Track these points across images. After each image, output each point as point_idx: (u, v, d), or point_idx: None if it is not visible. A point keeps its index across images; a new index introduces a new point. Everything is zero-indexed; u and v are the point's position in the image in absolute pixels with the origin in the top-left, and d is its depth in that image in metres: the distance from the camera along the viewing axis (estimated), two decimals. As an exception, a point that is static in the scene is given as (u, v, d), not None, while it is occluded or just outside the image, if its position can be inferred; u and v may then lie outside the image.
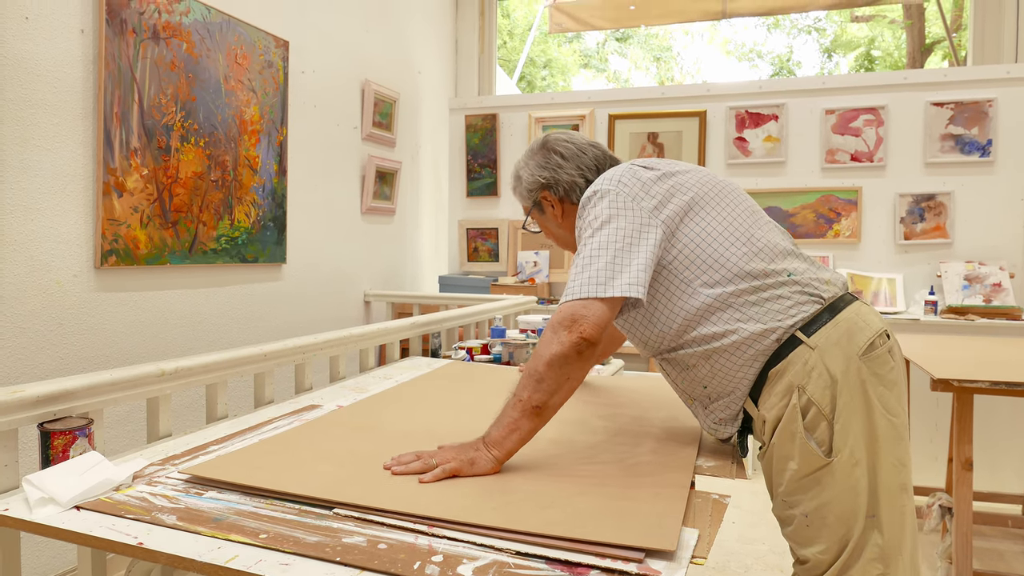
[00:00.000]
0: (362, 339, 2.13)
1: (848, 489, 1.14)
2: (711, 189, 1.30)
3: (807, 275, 1.25)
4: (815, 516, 1.16)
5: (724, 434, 1.32)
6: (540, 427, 1.18)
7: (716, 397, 1.29)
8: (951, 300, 3.55)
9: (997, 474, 3.30)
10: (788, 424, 1.17)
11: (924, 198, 3.76)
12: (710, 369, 1.25)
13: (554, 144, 1.48)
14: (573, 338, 1.13)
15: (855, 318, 1.21)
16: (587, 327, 1.14)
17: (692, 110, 4.16)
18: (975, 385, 1.97)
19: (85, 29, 2.24)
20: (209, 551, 0.89)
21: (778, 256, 1.25)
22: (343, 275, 3.75)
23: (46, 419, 1.20)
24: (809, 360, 1.17)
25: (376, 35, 4.03)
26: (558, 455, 1.28)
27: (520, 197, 1.55)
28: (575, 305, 1.16)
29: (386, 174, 4.10)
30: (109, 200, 2.30)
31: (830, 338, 1.18)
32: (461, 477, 1.12)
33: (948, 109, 3.72)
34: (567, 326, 1.15)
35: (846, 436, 1.14)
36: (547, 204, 1.49)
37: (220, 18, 2.76)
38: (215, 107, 2.76)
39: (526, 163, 1.52)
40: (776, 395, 1.19)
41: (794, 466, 1.17)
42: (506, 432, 1.16)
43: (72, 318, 2.23)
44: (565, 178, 1.45)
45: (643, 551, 0.90)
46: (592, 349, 1.15)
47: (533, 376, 1.16)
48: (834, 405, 1.15)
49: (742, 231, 1.26)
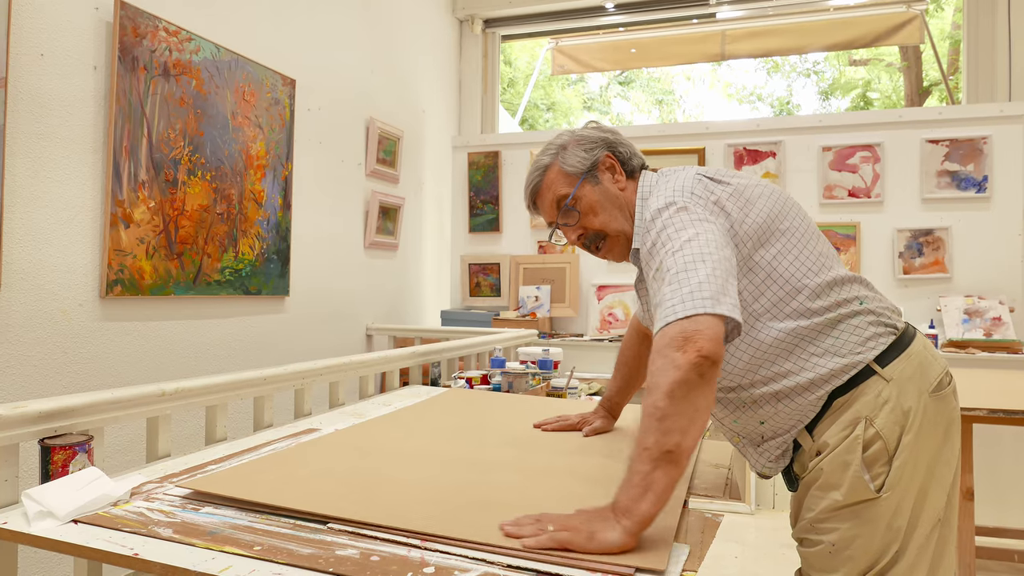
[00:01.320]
0: (362, 366, 2.14)
1: (886, 527, 1.08)
2: (779, 206, 1.20)
3: (877, 303, 1.18)
4: (844, 547, 1.09)
5: (774, 471, 1.23)
6: (679, 477, 0.94)
7: (772, 436, 1.20)
8: (951, 334, 3.55)
9: (1003, 509, 3.26)
10: (843, 453, 1.10)
11: (922, 233, 3.80)
12: (775, 408, 1.17)
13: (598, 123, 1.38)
14: (691, 357, 0.95)
15: (924, 352, 1.16)
16: (704, 342, 0.95)
17: (691, 147, 4.23)
18: (973, 413, 1.97)
19: (98, 66, 2.31)
20: (204, 562, 0.90)
21: (847, 283, 1.18)
22: (346, 308, 3.78)
23: (47, 435, 1.21)
24: (883, 392, 1.10)
25: (381, 74, 4.13)
26: (553, 476, 1.29)
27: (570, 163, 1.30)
28: (684, 323, 0.98)
29: (389, 209, 4.16)
30: (116, 231, 2.35)
31: (904, 372, 1.12)
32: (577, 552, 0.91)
33: (943, 146, 3.77)
34: (679, 346, 0.96)
35: (902, 474, 1.08)
36: (605, 170, 1.30)
37: (229, 56, 2.85)
38: (222, 142, 2.82)
39: (572, 131, 1.35)
40: (840, 424, 1.12)
41: (838, 496, 1.09)
42: (638, 493, 0.93)
43: (77, 347, 2.25)
44: (626, 142, 1.33)
45: (633, 568, 0.90)
46: (715, 370, 0.96)
47: (654, 415, 0.94)
48: (900, 442, 1.08)
49: (814, 256, 1.17)
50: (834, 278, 1.17)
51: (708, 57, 5.20)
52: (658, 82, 14.65)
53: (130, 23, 2.37)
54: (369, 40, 3.99)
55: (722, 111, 14.48)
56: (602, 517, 0.94)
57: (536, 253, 4.58)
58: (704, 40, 5.13)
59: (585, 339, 4.15)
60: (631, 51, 5.34)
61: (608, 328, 4.27)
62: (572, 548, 0.91)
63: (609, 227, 1.29)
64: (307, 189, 3.42)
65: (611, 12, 5.04)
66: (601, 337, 4.16)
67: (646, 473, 0.93)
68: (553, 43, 5.45)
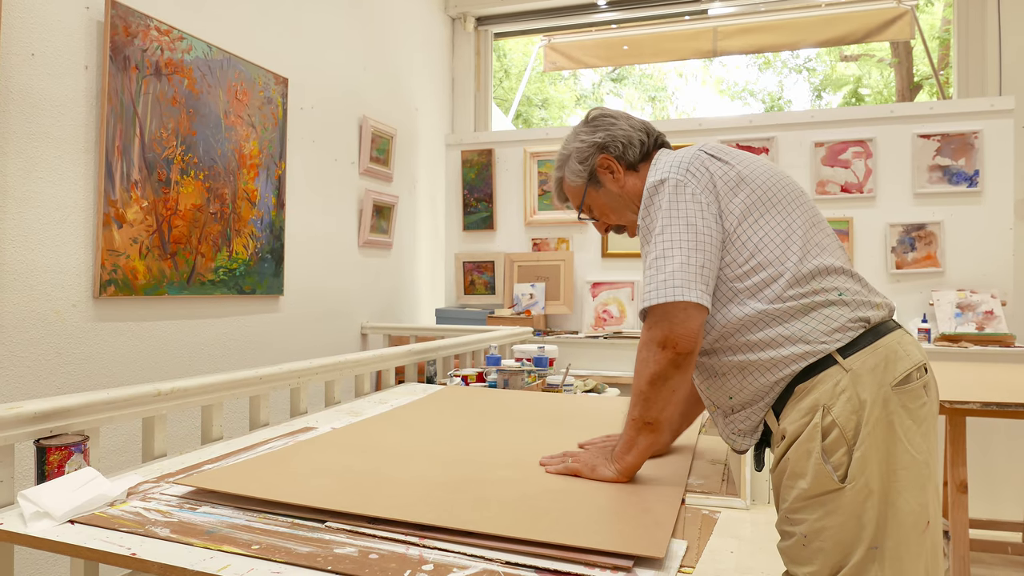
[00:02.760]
0: (358, 365, 2.14)
1: (854, 518, 1.09)
2: (775, 188, 1.25)
3: (858, 296, 1.20)
4: (814, 538, 1.10)
5: (742, 446, 1.27)
6: (658, 439, 1.22)
7: (739, 407, 1.25)
8: (944, 328, 3.57)
9: (996, 501, 3.29)
10: (806, 441, 1.12)
11: (914, 228, 3.81)
12: (740, 381, 1.22)
13: (597, 112, 1.43)
14: (669, 355, 1.15)
15: (896, 346, 1.16)
16: (679, 342, 1.14)
17: (684, 144, 4.22)
18: (966, 407, 1.99)
19: (89, 65, 2.30)
20: (201, 560, 0.90)
21: (831, 274, 1.21)
22: (340, 307, 3.77)
23: (42, 435, 1.21)
24: (840, 382, 1.13)
25: (374, 73, 4.12)
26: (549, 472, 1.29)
27: (571, 176, 1.42)
28: (659, 317, 1.15)
29: (383, 208, 4.15)
30: (109, 231, 2.34)
31: (866, 363, 1.14)
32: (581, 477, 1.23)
33: (935, 141, 3.79)
34: (660, 344, 1.15)
35: (864, 464, 1.09)
36: (605, 173, 1.38)
37: (221, 56, 2.83)
38: (215, 141, 2.81)
39: (574, 137, 1.43)
40: (799, 411, 1.15)
41: (804, 485, 1.12)
42: (626, 449, 1.22)
43: (70, 347, 2.24)
44: (621, 134, 1.37)
45: (632, 559, 0.91)
46: (690, 358, 1.16)
47: (640, 396, 1.19)
48: (857, 431, 1.10)
49: (801, 242, 1.21)
50: (818, 267, 1.20)
51: (700, 53, 5.21)
52: (650, 79, 14.65)
53: (121, 22, 2.36)
54: (361, 38, 3.98)
55: (714, 107, 14.50)
56: (605, 457, 1.25)
57: (530, 251, 4.58)
58: (696, 36, 5.14)
59: (580, 336, 4.15)
60: (623, 48, 5.34)
61: (603, 325, 4.28)
62: (579, 474, 1.24)
63: (624, 221, 1.42)
64: (300, 188, 3.42)
65: (603, 9, 5.04)
66: (596, 334, 4.16)
67: (632, 436, 1.21)
68: (546, 40, 5.44)
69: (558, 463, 1.28)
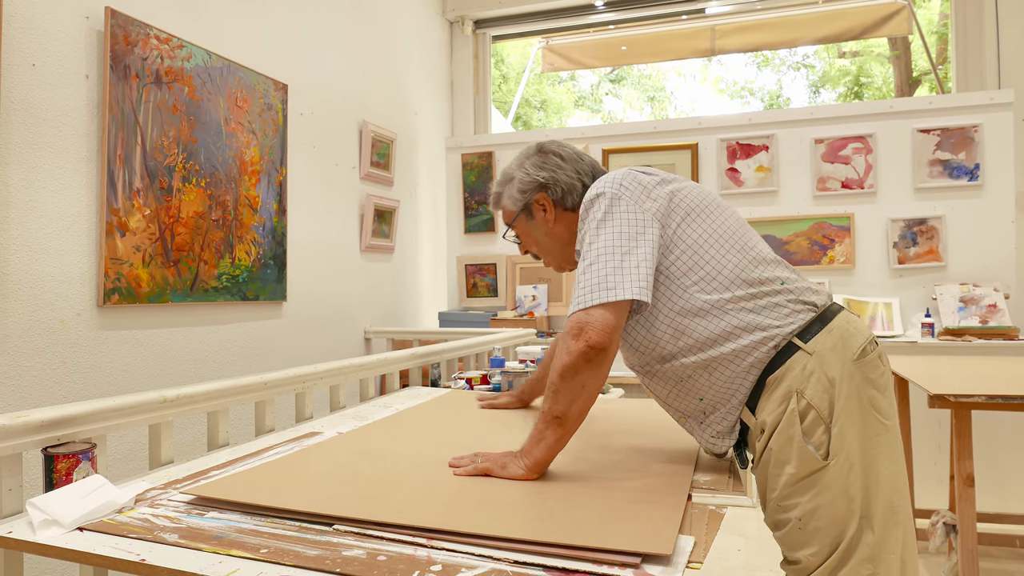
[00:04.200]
0: (362, 369, 2.14)
1: (842, 492, 1.14)
2: (705, 199, 1.32)
3: (797, 284, 1.27)
4: (809, 519, 1.16)
5: (722, 447, 1.31)
6: (566, 435, 1.22)
7: (712, 409, 1.28)
8: (948, 322, 3.57)
9: (1003, 495, 3.28)
10: (786, 428, 1.18)
11: (916, 223, 3.81)
12: (708, 379, 1.25)
13: (551, 147, 1.47)
14: (580, 346, 1.16)
15: (846, 325, 1.23)
16: (592, 333, 1.15)
17: (684, 143, 4.24)
18: (972, 400, 1.98)
19: (90, 75, 2.31)
20: (211, 565, 0.90)
21: (770, 265, 1.27)
22: (343, 312, 3.78)
23: (50, 444, 1.21)
24: (808, 365, 1.18)
25: (373, 77, 4.13)
26: (555, 469, 1.29)
27: (507, 200, 1.49)
28: (581, 314, 1.18)
29: (384, 212, 4.16)
30: (112, 240, 2.34)
31: (826, 344, 1.20)
32: (493, 477, 1.22)
33: (935, 135, 3.78)
34: (574, 335, 1.17)
35: (843, 439, 1.15)
36: (538, 208, 1.45)
37: (221, 63, 2.84)
38: (216, 148, 2.82)
39: (520, 164, 1.48)
40: (774, 401, 1.20)
41: (791, 470, 1.17)
42: (533, 443, 1.22)
43: (75, 356, 2.25)
44: (564, 179, 1.42)
45: (639, 556, 0.91)
46: (603, 355, 1.17)
47: (550, 388, 1.20)
48: (832, 409, 1.16)
49: (736, 240, 1.27)
50: (756, 259, 1.26)
51: (698, 53, 5.22)
52: (649, 79, 14.66)
53: (121, 31, 2.37)
54: (360, 44, 3.99)
55: (713, 106, 14.50)
56: (513, 456, 1.24)
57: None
58: (694, 36, 5.14)
59: (583, 337, 4.14)
60: (621, 48, 5.35)
61: (606, 325, 4.27)
62: (490, 473, 1.23)
63: (541, 253, 1.52)
64: (302, 194, 3.42)
65: (601, 10, 5.05)
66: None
67: (541, 429, 1.21)
68: (544, 42, 5.45)
69: (467, 464, 1.26)
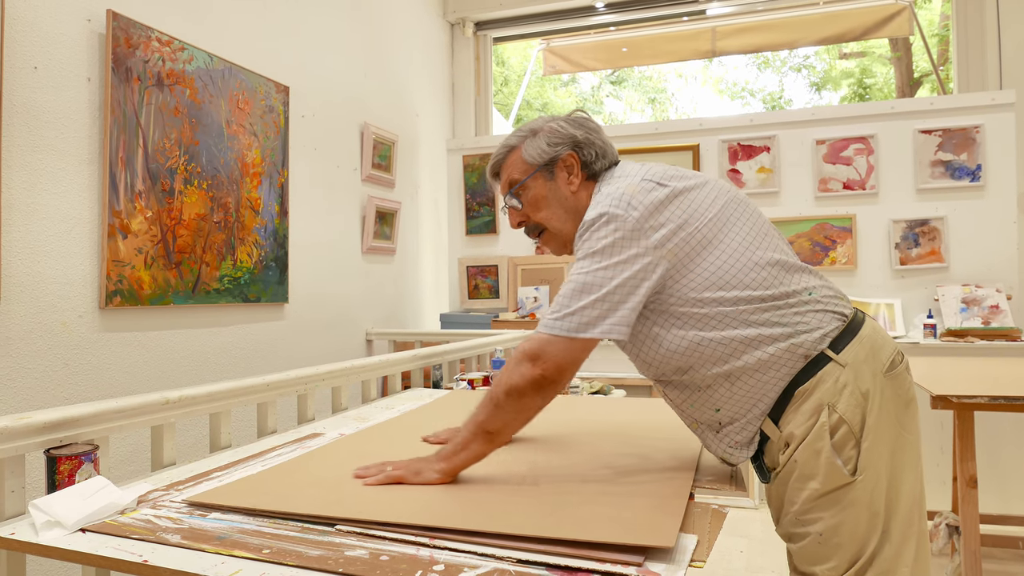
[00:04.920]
0: (364, 370, 2.14)
1: (867, 507, 1.11)
2: (727, 207, 1.23)
3: (824, 292, 1.21)
4: (831, 535, 1.11)
5: (739, 458, 1.25)
6: (490, 451, 1.21)
7: (730, 420, 1.22)
8: (950, 323, 3.56)
9: (1006, 496, 3.27)
10: (814, 442, 1.12)
11: (918, 223, 3.81)
12: (729, 390, 1.19)
13: (584, 116, 1.38)
14: (534, 374, 1.13)
15: (874, 335, 1.19)
16: (549, 367, 1.13)
17: (685, 144, 4.24)
18: (974, 401, 1.98)
19: (91, 77, 2.31)
20: (213, 566, 0.90)
21: (796, 274, 1.21)
22: (345, 314, 3.78)
23: (52, 445, 1.21)
24: (840, 378, 1.13)
25: (374, 79, 4.13)
26: (557, 469, 1.29)
27: (529, 151, 1.33)
28: (544, 340, 1.14)
29: (386, 214, 4.16)
30: (114, 242, 2.35)
31: (858, 356, 1.15)
32: (406, 484, 1.18)
33: (937, 136, 3.78)
34: (531, 359, 1.14)
35: (872, 454, 1.11)
36: (563, 168, 1.32)
37: (222, 65, 2.85)
38: (217, 151, 2.82)
39: (550, 119, 1.36)
40: (803, 414, 1.14)
41: (816, 485, 1.12)
42: (456, 449, 1.20)
43: (77, 358, 2.25)
44: (599, 143, 1.33)
45: (642, 554, 0.91)
46: (553, 387, 1.15)
47: (492, 400, 1.18)
48: (863, 423, 1.12)
49: (760, 253, 1.20)
50: (781, 269, 1.19)
51: (699, 54, 5.22)
52: (650, 80, 14.66)
53: (123, 34, 2.37)
54: (361, 45, 4.00)
55: (714, 107, 14.50)
56: (427, 461, 1.21)
57: (533, 254, 4.58)
58: (695, 37, 5.15)
59: (585, 338, 4.14)
60: (622, 50, 5.35)
61: (607, 327, 4.26)
62: (403, 481, 1.18)
63: (550, 223, 1.34)
64: (303, 195, 3.43)
65: (601, 12, 5.05)
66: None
67: (468, 439, 1.19)
68: (544, 44, 5.45)
69: (377, 473, 1.21)
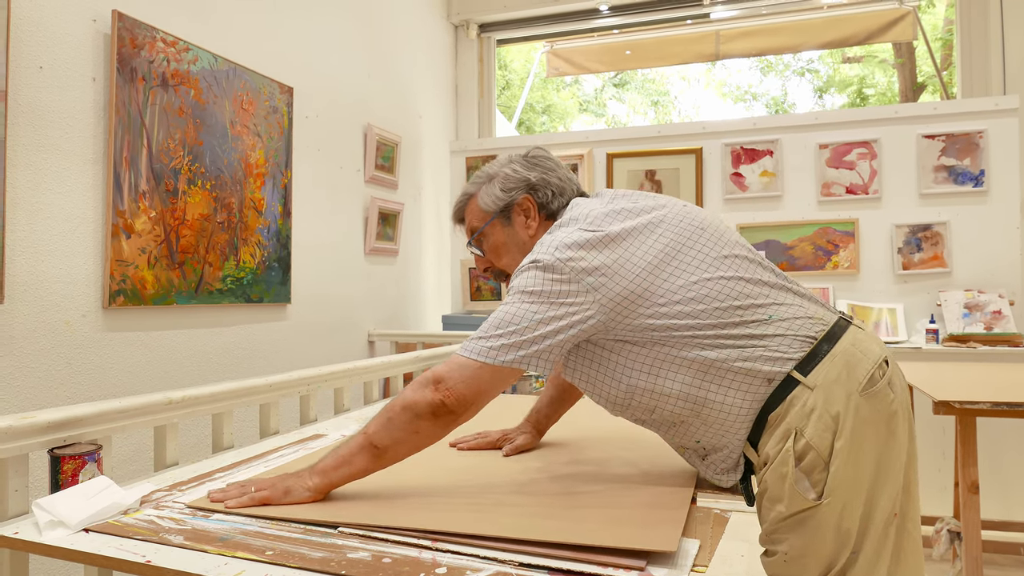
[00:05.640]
0: (367, 372, 2.15)
1: (833, 530, 1.06)
2: (679, 240, 1.18)
3: (790, 312, 1.15)
4: (796, 554, 1.08)
5: (728, 482, 1.23)
6: (374, 469, 1.13)
7: (712, 449, 1.20)
8: (952, 328, 3.56)
9: (1007, 502, 3.27)
10: (780, 465, 1.09)
11: (920, 228, 3.81)
12: (702, 424, 1.16)
13: (541, 153, 1.36)
14: (435, 398, 1.09)
15: (852, 349, 1.13)
16: (451, 396, 1.09)
17: (688, 147, 4.24)
18: (976, 407, 1.98)
19: (96, 77, 2.32)
20: (216, 567, 0.91)
21: (757, 304, 1.15)
22: (347, 315, 3.78)
23: (56, 445, 1.22)
24: (808, 401, 1.09)
25: (378, 81, 4.14)
26: (558, 473, 1.30)
27: (484, 199, 1.33)
28: (455, 366, 1.10)
29: (389, 215, 4.17)
30: (118, 242, 2.35)
31: (828, 375, 1.09)
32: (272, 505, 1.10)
33: (940, 141, 3.78)
34: (435, 383, 1.10)
35: (840, 478, 1.06)
36: (519, 213, 1.31)
37: (227, 66, 2.85)
38: (221, 151, 2.83)
39: (506, 163, 1.35)
40: (776, 438, 1.11)
41: (781, 508, 1.08)
42: (337, 463, 1.13)
43: (80, 357, 2.25)
44: (555, 182, 1.31)
45: (645, 559, 0.91)
46: (451, 417, 1.10)
47: (387, 414, 1.12)
48: (832, 447, 1.07)
49: (714, 285, 1.14)
50: (738, 307, 1.14)
51: (702, 57, 5.22)
52: (653, 83, 14.68)
53: (128, 34, 2.38)
54: (365, 47, 4.01)
55: (717, 111, 14.51)
56: (297, 476, 1.14)
57: (536, 256, 4.58)
58: (698, 40, 5.15)
59: (586, 341, 4.14)
60: (626, 53, 5.35)
61: (609, 329, 4.26)
62: (270, 503, 1.11)
63: (509, 269, 1.33)
64: (307, 196, 3.43)
65: (605, 14, 5.06)
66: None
67: (352, 453, 1.12)
68: (548, 46, 5.46)
69: (238, 495, 1.13)
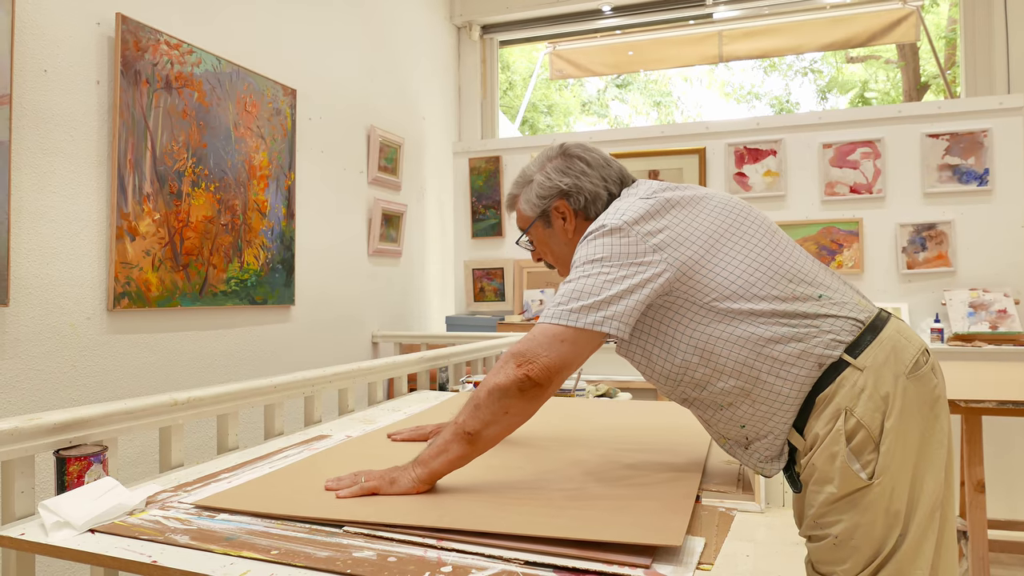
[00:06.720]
0: (371, 372, 2.15)
1: (884, 511, 1.08)
2: (730, 218, 1.21)
3: (839, 296, 1.18)
4: (846, 537, 1.10)
5: (771, 471, 1.23)
6: (472, 455, 1.15)
7: (756, 436, 1.20)
8: (957, 327, 3.55)
9: (1014, 501, 3.26)
10: (830, 446, 1.10)
11: (925, 227, 3.80)
12: (750, 405, 1.17)
13: (576, 151, 1.36)
14: (519, 374, 1.10)
15: (896, 336, 1.15)
16: (536, 367, 1.10)
17: (692, 147, 4.24)
18: (982, 405, 1.97)
19: (101, 80, 2.32)
20: (222, 567, 0.91)
21: (808, 282, 1.18)
22: (351, 316, 3.79)
23: (62, 446, 1.22)
24: (858, 382, 1.11)
25: (381, 82, 4.15)
26: (563, 470, 1.29)
27: (524, 204, 1.40)
28: (535, 341, 1.12)
29: (392, 216, 4.17)
30: (122, 244, 2.36)
31: (877, 358, 1.12)
32: (381, 495, 1.14)
33: (944, 140, 3.77)
34: (518, 360, 1.11)
35: (890, 459, 1.09)
36: (557, 216, 1.35)
37: (230, 68, 2.86)
38: (225, 153, 2.83)
39: (542, 166, 1.37)
40: (823, 420, 1.12)
41: (832, 489, 1.10)
42: (435, 453, 1.15)
43: (85, 360, 2.26)
44: (588, 187, 1.32)
45: (650, 557, 0.91)
46: (538, 390, 1.11)
47: (473, 401, 1.14)
48: (882, 427, 1.09)
49: (767, 259, 1.18)
50: (794, 279, 1.17)
51: (705, 59, 5.22)
52: (655, 84, 14.67)
53: (132, 37, 2.39)
54: (368, 49, 4.01)
55: (720, 110, 14.49)
56: (403, 468, 1.17)
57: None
58: (701, 41, 5.15)
59: (590, 341, 4.14)
60: (628, 54, 5.35)
61: (613, 330, 4.26)
62: (379, 492, 1.14)
63: (556, 263, 1.42)
64: (310, 198, 3.44)
65: (608, 15, 5.06)
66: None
67: (447, 441, 1.14)
68: (551, 47, 5.46)
69: (349, 485, 1.17)
